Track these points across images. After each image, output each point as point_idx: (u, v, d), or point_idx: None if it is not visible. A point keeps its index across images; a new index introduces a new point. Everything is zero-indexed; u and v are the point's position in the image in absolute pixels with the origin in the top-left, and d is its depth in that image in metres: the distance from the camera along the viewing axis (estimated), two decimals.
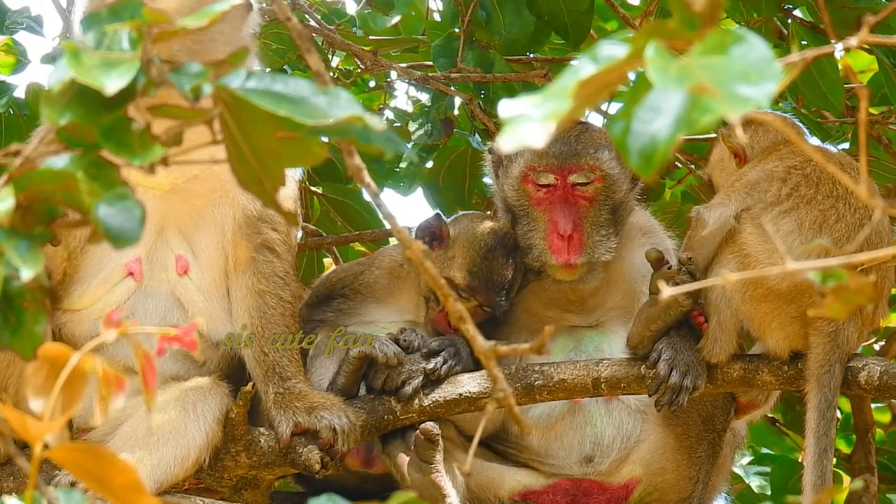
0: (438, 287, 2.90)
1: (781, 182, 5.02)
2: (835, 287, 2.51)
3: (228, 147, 2.59)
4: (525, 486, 5.39)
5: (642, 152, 2.21)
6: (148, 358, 2.53)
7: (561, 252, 5.28)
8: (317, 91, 2.56)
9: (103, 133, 2.45)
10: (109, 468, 2.41)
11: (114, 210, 2.47)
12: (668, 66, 2.15)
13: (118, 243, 2.47)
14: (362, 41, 6.52)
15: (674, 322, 5.10)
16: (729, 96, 2.15)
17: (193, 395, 4.96)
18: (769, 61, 2.17)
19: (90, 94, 2.49)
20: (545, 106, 2.30)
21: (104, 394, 2.47)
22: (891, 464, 6.53)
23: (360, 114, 2.57)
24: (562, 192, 5.32)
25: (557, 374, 5.18)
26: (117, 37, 2.48)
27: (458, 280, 5.33)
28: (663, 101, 2.20)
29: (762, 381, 5.09)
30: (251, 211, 5.05)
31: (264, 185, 2.63)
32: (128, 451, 4.82)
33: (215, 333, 5.10)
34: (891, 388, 4.98)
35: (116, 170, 2.49)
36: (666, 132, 2.19)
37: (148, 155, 2.45)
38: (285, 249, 5.12)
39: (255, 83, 2.56)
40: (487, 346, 2.90)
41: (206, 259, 5.08)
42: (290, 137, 2.59)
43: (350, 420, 5.01)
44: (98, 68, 2.44)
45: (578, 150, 5.31)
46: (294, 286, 5.19)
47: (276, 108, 2.51)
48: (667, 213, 6.36)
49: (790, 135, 3.50)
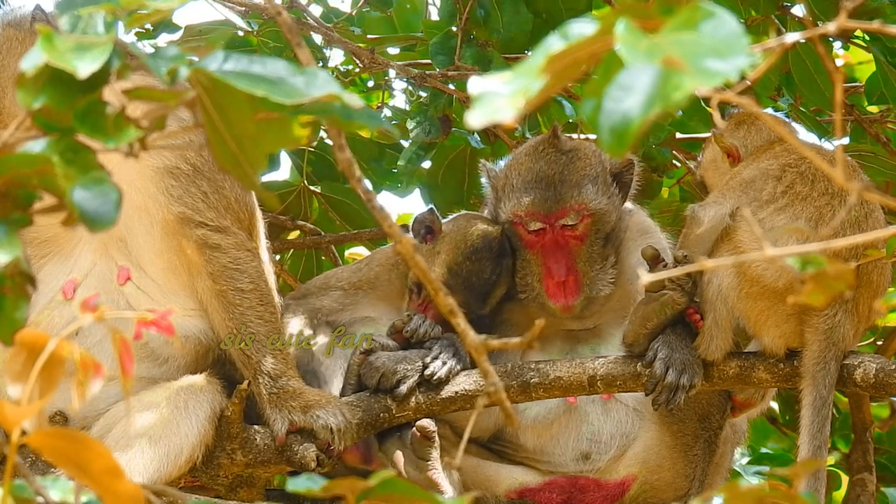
0: (428, 281, 2.89)
1: (776, 180, 5.01)
2: (814, 274, 2.50)
3: (207, 130, 2.58)
4: (521, 483, 5.39)
5: (614, 130, 2.21)
6: (125, 344, 2.53)
7: (558, 296, 5.31)
8: (294, 71, 2.56)
9: (78, 116, 2.45)
10: (87, 453, 2.40)
11: (89, 194, 2.46)
12: (638, 42, 2.15)
13: (94, 227, 2.46)
14: (360, 39, 6.52)
15: (670, 320, 5.09)
16: (699, 70, 2.15)
17: (186, 393, 4.97)
18: (739, 36, 2.17)
19: (65, 77, 2.49)
20: (515, 82, 2.30)
21: (81, 379, 2.46)
22: (889, 463, 6.51)
23: (338, 92, 2.57)
24: (552, 236, 5.34)
25: (553, 371, 5.17)
26: (92, 20, 2.48)
27: (436, 275, 5.32)
28: (635, 80, 2.20)
29: (758, 378, 5.08)
30: (170, 215, 5.02)
31: (244, 168, 2.62)
32: (121, 449, 4.82)
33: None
34: (886, 386, 4.97)
35: (92, 154, 2.49)
36: (637, 110, 2.19)
37: (122, 137, 2.44)
38: (222, 238, 5.04)
39: (233, 65, 2.55)
40: (478, 340, 2.90)
41: (147, 263, 5.05)
42: (270, 119, 2.58)
43: (346, 418, 5.00)
44: (71, 52, 2.44)
45: (563, 194, 5.31)
46: (250, 266, 5.10)
47: (254, 88, 2.51)
48: (664, 212, 6.35)
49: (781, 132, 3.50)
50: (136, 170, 4.96)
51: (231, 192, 5.08)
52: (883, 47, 5.68)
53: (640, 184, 5.56)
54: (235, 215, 5.08)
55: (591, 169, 5.36)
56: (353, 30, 6.61)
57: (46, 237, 5.03)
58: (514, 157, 5.51)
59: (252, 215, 5.19)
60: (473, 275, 5.33)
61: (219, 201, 5.04)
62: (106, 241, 5.01)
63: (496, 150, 6.76)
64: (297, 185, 6.84)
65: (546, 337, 5.45)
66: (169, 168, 4.98)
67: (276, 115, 2.58)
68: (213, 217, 5.04)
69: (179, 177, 5.00)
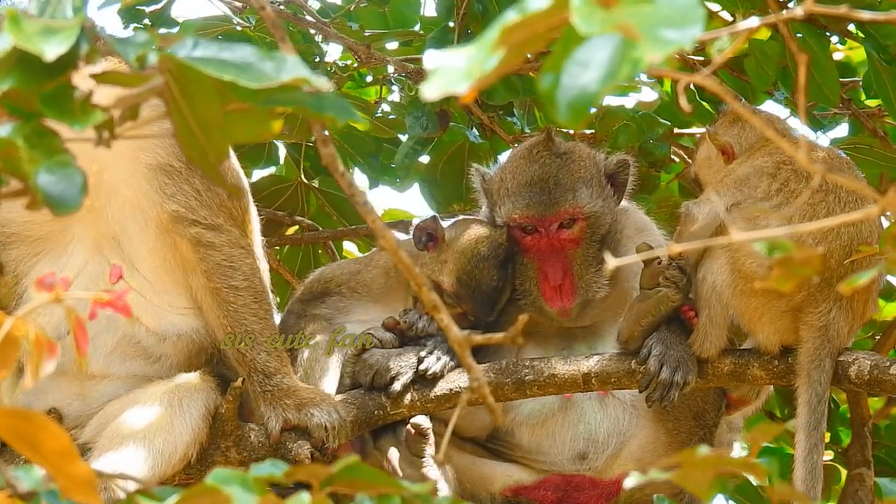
0: (413, 277, 2.89)
1: (771, 177, 5.00)
2: (780, 259, 2.49)
3: (174, 118, 2.57)
4: (516, 481, 5.39)
5: (571, 105, 2.24)
6: (79, 322, 2.54)
7: (554, 300, 5.30)
8: (263, 57, 2.55)
9: (45, 100, 2.45)
10: (41, 433, 2.40)
11: (54, 177, 2.46)
12: (592, 13, 2.18)
13: (58, 210, 2.46)
14: (357, 35, 6.51)
15: (664, 317, 5.09)
16: (653, 39, 2.18)
17: (180, 391, 4.97)
18: (694, 6, 2.20)
19: (32, 61, 2.48)
20: (471, 55, 2.31)
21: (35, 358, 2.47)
22: (888, 457, 6.50)
23: (307, 75, 2.55)
24: (547, 240, 5.33)
25: (548, 368, 5.17)
26: (61, 5, 2.47)
27: (445, 285, 5.31)
28: (592, 55, 2.23)
29: (753, 375, 5.08)
30: (164, 213, 5.02)
31: (208, 158, 2.61)
32: (115, 448, 4.83)
33: (162, 328, 5.11)
34: (881, 383, 4.96)
35: (58, 138, 2.48)
36: (595, 86, 2.22)
37: (88, 120, 2.44)
38: (215, 236, 5.04)
39: (202, 51, 2.54)
40: (461, 335, 2.91)
41: (141, 261, 5.05)
42: (241, 110, 2.57)
43: (340, 416, 5.00)
44: (38, 35, 2.43)
45: (557, 198, 5.30)
46: (244, 264, 5.09)
47: (222, 73, 2.50)
48: (663, 207, 6.34)
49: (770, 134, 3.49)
50: (130, 167, 4.96)
51: (224, 189, 5.08)
52: (876, 44, 5.65)
53: (636, 182, 5.55)
54: (229, 213, 5.08)
55: (585, 171, 5.35)
56: (351, 25, 6.60)
57: (39, 235, 5.03)
58: (508, 160, 5.50)
59: (245, 212, 5.19)
60: (483, 283, 5.30)
61: (212, 199, 5.04)
62: (99, 240, 5.01)
63: (494, 145, 6.75)
64: (294, 181, 6.84)
65: (542, 334, 5.45)
66: (162, 166, 4.98)
67: (247, 105, 2.56)
68: (207, 215, 5.04)
69: (173, 174, 4.99)
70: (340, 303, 5.51)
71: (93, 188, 4.89)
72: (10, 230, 5.04)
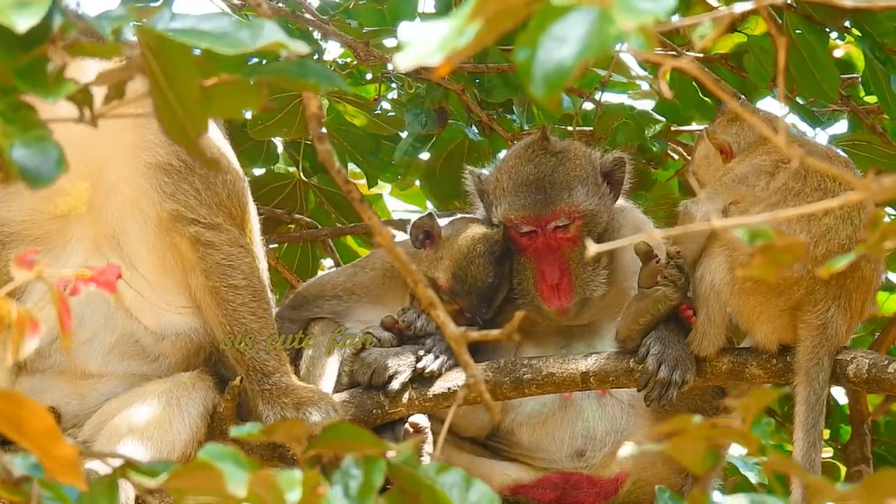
0: (409, 273, 2.89)
1: (769, 176, 5.00)
2: (762, 246, 2.48)
3: (153, 92, 2.55)
4: (515, 479, 5.39)
5: (547, 80, 2.25)
6: (63, 301, 2.53)
7: (552, 299, 5.29)
8: (240, 26, 2.54)
9: (18, 73, 2.44)
10: (25, 413, 2.39)
11: (29, 151, 2.45)
12: None
13: (34, 184, 2.46)
14: (357, 32, 6.50)
15: (662, 316, 5.09)
16: (627, 8, 2.20)
17: (178, 390, 4.98)
18: None
19: (7, 35, 2.47)
20: (446, 27, 2.32)
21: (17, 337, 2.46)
22: (888, 454, 6.51)
23: (283, 40, 2.55)
24: (544, 239, 5.32)
25: (546, 367, 5.17)
26: None
27: (441, 282, 5.32)
28: (568, 31, 2.24)
29: (751, 374, 5.08)
30: (163, 212, 5.02)
31: (188, 133, 2.59)
32: (114, 446, 4.84)
33: (161, 327, 5.11)
34: (879, 381, 4.96)
35: (35, 112, 2.47)
36: (571, 60, 2.23)
37: (60, 91, 2.43)
38: (214, 235, 5.04)
39: (180, 23, 2.54)
40: (457, 332, 2.90)
41: (140, 260, 5.05)
42: (223, 82, 2.56)
43: (338, 415, 5.00)
44: (10, 7, 2.42)
45: (553, 197, 5.29)
46: (243, 263, 5.09)
47: (198, 41, 2.49)
48: (661, 205, 6.33)
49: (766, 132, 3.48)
50: (129, 166, 4.96)
51: (223, 188, 5.08)
52: (872, 43, 5.64)
53: (632, 180, 5.54)
54: (228, 211, 5.09)
55: (580, 170, 5.34)
56: (350, 22, 6.59)
57: (38, 235, 5.03)
58: (504, 160, 5.50)
59: (244, 211, 5.19)
60: (479, 279, 5.30)
61: (211, 198, 5.04)
62: (98, 239, 5.02)
63: (493, 142, 6.75)
64: (293, 179, 6.84)
65: (541, 333, 5.45)
66: (161, 164, 4.98)
67: (230, 77, 2.56)
68: (206, 214, 5.04)
69: (172, 173, 4.99)
70: (339, 307, 5.51)
71: (92, 187, 4.93)
72: (10, 229, 5.04)
